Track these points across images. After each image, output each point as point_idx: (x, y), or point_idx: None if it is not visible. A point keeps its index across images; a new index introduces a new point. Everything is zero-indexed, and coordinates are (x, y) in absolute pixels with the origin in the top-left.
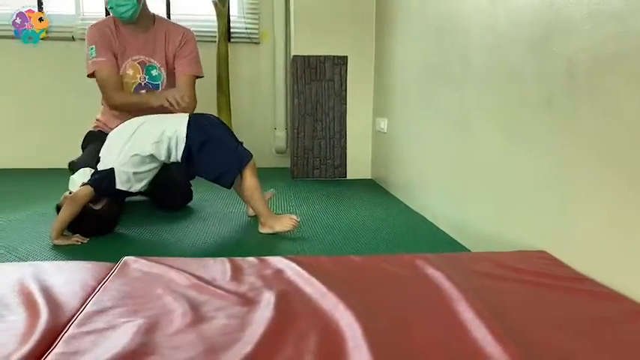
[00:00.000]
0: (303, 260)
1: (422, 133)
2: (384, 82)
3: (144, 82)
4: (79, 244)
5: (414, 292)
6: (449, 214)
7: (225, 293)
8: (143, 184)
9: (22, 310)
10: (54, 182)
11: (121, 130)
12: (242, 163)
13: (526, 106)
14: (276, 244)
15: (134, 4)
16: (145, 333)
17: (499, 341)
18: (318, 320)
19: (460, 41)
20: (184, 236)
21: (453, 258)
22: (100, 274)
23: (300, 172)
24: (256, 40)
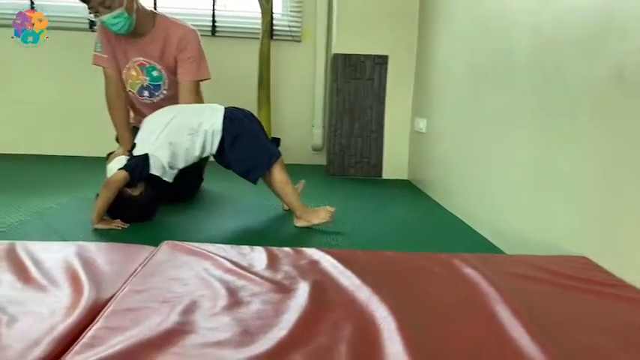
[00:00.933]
0: (338, 253)
1: (461, 133)
2: (425, 82)
3: (145, 83)
4: (119, 229)
5: (450, 289)
6: (486, 216)
7: (261, 280)
8: (175, 172)
9: (67, 285)
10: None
11: (157, 117)
12: (271, 160)
13: (571, 107)
14: (310, 237)
15: (126, 18)
16: (183, 313)
17: (536, 341)
18: (353, 311)
19: (505, 41)
20: (220, 226)
21: (490, 259)
22: (140, 256)
23: (336, 170)
24: (298, 38)
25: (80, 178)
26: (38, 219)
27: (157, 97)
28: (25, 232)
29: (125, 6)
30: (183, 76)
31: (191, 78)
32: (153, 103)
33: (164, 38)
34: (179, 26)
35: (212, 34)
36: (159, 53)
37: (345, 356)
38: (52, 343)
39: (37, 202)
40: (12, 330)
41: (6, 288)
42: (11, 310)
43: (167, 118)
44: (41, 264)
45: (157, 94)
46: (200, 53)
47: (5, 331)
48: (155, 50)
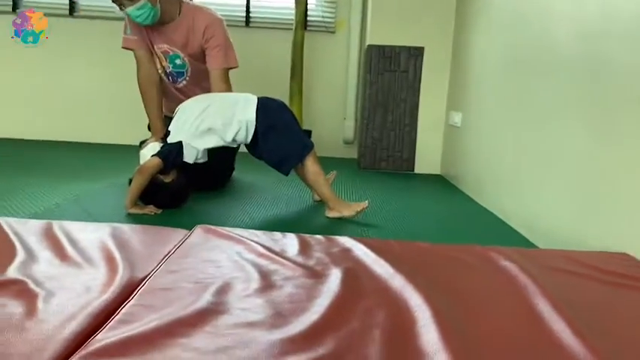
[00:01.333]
0: (370, 242)
1: (498, 128)
2: (461, 75)
3: (168, 70)
4: (152, 214)
5: (486, 281)
6: (521, 212)
7: (293, 265)
8: (206, 158)
9: (102, 264)
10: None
11: (192, 105)
12: (304, 152)
13: (618, 100)
14: (341, 228)
15: (149, 9)
16: (217, 294)
17: (578, 335)
18: (386, 298)
19: (547, 32)
20: (251, 214)
21: (527, 252)
22: (174, 238)
23: (367, 163)
24: (332, 29)
25: (115, 165)
26: (74, 203)
27: (179, 83)
28: (60, 214)
29: None
30: (212, 64)
31: (220, 66)
32: (176, 89)
33: (189, 26)
34: (205, 14)
35: (246, 24)
36: (183, 41)
37: (378, 342)
38: (88, 317)
39: (73, 186)
40: (49, 305)
41: (44, 264)
42: (48, 286)
43: (202, 106)
44: (77, 243)
45: (179, 81)
46: (227, 41)
47: (42, 306)
48: (179, 38)
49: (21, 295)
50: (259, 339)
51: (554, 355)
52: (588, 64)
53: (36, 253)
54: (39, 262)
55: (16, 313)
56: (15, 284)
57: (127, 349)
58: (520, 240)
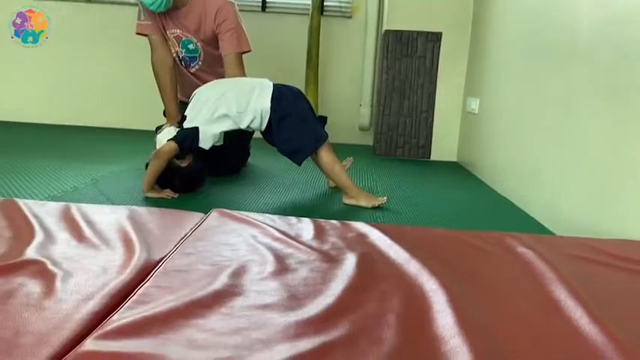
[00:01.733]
0: (386, 227)
1: (517, 114)
2: (479, 60)
3: (181, 55)
4: (169, 198)
5: (503, 267)
6: (540, 200)
7: (308, 249)
8: (221, 142)
9: (119, 245)
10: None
11: (208, 90)
12: (317, 143)
13: None
14: (357, 213)
15: None
16: (232, 276)
17: (597, 322)
18: (401, 283)
19: (568, 16)
20: (267, 199)
21: (545, 239)
22: (190, 221)
23: (383, 150)
24: (348, 14)
25: (132, 149)
26: (91, 186)
27: (192, 67)
28: (78, 197)
29: None
30: (225, 49)
31: (233, 50)
32: (190, 73)
33: (201, 11)
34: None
35: (262, 9)
36: (195, 26)
37: (393, 326)
38: (105, 298)
39: (90, 170)
40: (67, 284)
41: (62, 245)
42: (66, 266)
43: (218, 93)
44: (94, 225)
45: (192, 66)
46: (238, 25)
47: (60, 286)
48: (192, 23)
49: (39, 275)
50: (274, 321)
51: (572, 342)
52: (612, 49)
53: (54, 234)
54: (57, 243)
55: (34, 292)
56: (34, 264)
57: (143, 329)
58: (538, 227)
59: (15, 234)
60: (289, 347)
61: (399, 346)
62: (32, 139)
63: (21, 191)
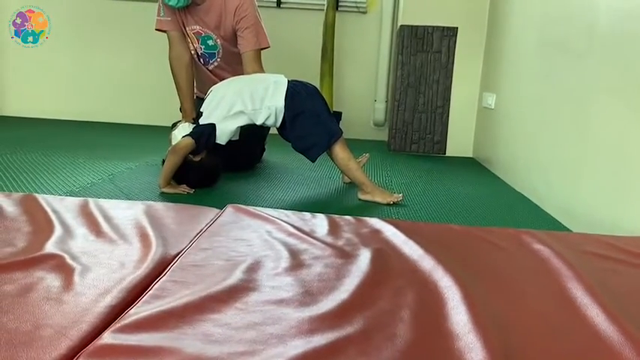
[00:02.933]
0: (400, 223)
1: (534, 109)
2: (496, 55)
3: (200, 51)
4: (185, 193)
5: (518, 264)
6: (557, 196)
7: (322, 245)
8: (237, 137)
9: (136, 240)
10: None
11: (224, 88)
12: (331, 140)
13: None
14: (371, 209)
15: None
16: (247, 271)
17: (613, 320)
18: (416, 279)
19: (585, 10)
20: (281, 195)
21: (561, 236)
22: (205, 217)
23: (398, 146)
24: (363, 10)
25: (148, 145)
26: (109, 182)
27: (211, 64)
28: (96, 192)
29: None
30: (244, 46)
31: (252, 47)
32: (208, 70)
33: (221, 7)
34: None
35: (277, 5)
36: (216, 22)
37: (407, 322)
38: (123, 292)
39: (108, 166)
40: (85, 279)
41: (80, 240)
42: (84, 261)
43: (233, 90)
44: (112, 220)
45: (210, 62)
46: (257, 22)
47: (79, 280)
48: (212, 19)
49: (58, 269)
50: (289, 316)
51: (588, 340)
52: (629, 44)
53: (72, 229)
54: (75, 237)
55: (53, 286)
56: (53, 259)
57: (159, 323)
58: (553, 223)
59: (35, 228)
60: (304, 342)
61: (413, 342)
62: (50, 134)
63: (40, 187)
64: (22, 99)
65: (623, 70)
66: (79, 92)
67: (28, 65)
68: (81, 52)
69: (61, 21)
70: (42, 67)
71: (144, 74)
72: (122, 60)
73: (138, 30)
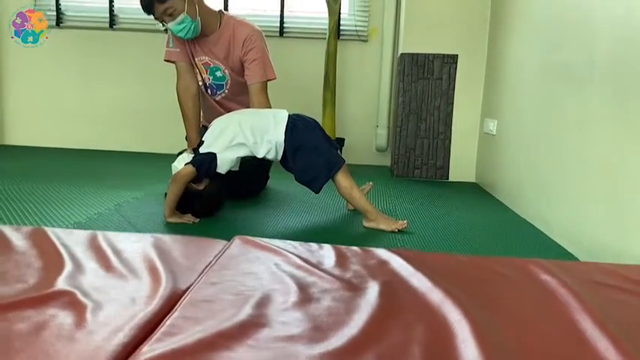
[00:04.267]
0: (407, 254)
1: (536, 136)
2: (496, 82)
3: (208, 82)
4: (190, 223)
5: (526, 296)
6: (562, 223)
7: (330, 277)
8: (237, 168)
9: (145, 274)
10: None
11: (226, 121)
12: (332, 172)
13: None
14: (376, 237)
15: (190, 22)
16: (257, 307)
17: (623, 354)
18: (425, 313)
19: (584, 37)
20: (286, 223)
21: (569, 266)
22: (213, 249)
23: (401, 171)
24: (364, 38)
25: (153, 173)
26: (115, 212)
27: (218, 95)
28: (103, 223)
29: (186, 10)
30: (251, 78)
31: (259, 80)
32: (214, 101)
33: (229, 38)
34: (244, 26)
35: (280, 34)
36: (224, 53)
37: (418, 357)
38: (134, 329)
39: (113, 195)
40: (97, 316)
41: (90, 275)
42: (95, 297)
43: (235, 123)
44: (121, 253)
45: (218, 93)
46: (265, 54)
47: (90, 317)
48: (221, 50)
49: (70, 307)
50: (299, 353)
51: None
52: (631, 71)
53: (83, 263)
54: (86, 273)
55: (65, 324)
56: (64, 295)
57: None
58: (560, 251)
59: (45, 263)
60: None
61: None
62: (55, 164)
63: (47, 218)
64: (26, 128)
65: (627, 98)
66: (83, 120)
67: (31, 94)
68: (86, 81)
69: (65, 49)
70: (46, 96)
71: (148, 102)
72: (127, 88)
73: (142, 58)
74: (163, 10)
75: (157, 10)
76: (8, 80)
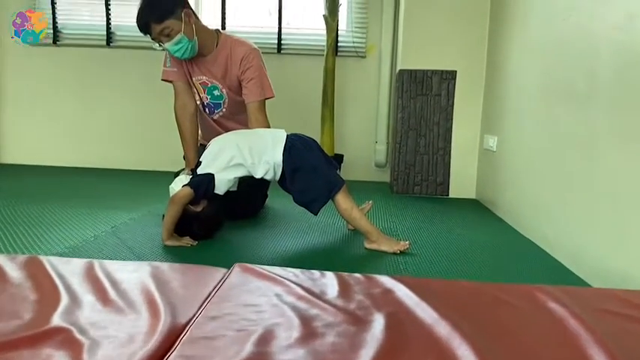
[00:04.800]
0: (411, 282)
1: (538, 153)
2: (496, 98)
3: (206, 101)
4: (189, 246)
5: (535, 326)
6: (565, 243)
7: (333, 309)
8: (235, 188)
9: (144, 308)
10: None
11: (223, 141)
12: (332, 193)
13: None
14: (377, 258)
15: (187, 42)
16: (259, 343)
17: None
18: (433, 347)
19: (587, 58)
20: (285, 245)
21: (575, 292)
22: (213, 278)
23: (401, 188)
24: (362, 54)
25: (151, 192)
26: (112, 234)
27: (216, 114)
28: (99, 247)
29: (183, 30)
30: (249, 97)
31: (256, 98)
32: (212, 120)
33: (227, 57)
34: (241, 45)
35: (278, 51)
36: (222, 72)
37: None
38: None
39: (109, 216)
40: (94, 356)
41: (87, 310)
42: (93, 334)
43: (232, 143)
44: (118, 284)
45: (216, 112)
46: (262, 72)
47: (87, 357)
48: (219, 69)
49: (67, 345)
50: None
51: None
52: (633, 91)
53: (79, 296)
54: (82, 307)
55: None
56: (61, 333)
57: None
58: (566, 274)
59: (41, 297)
60: None
61: None
62: (50, 184)
63: (42, 240)
64: (22, 147)
65: (629, 117)
66: (80, 138)
67: (28, 112)
68: (82, 98)
69: (62, 67)
70: (43, 113)
71: (145, 119)
72: (124, 105)
73: (139, 76)
74: (160, 31)
75: (154, 30)
76: (5, 98)
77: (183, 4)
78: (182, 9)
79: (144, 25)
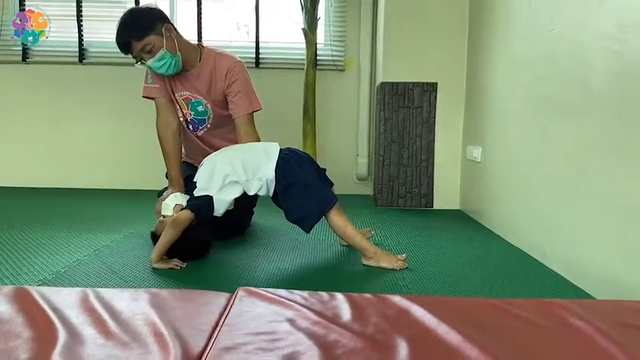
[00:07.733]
0: (424, 301)
1: (527, 163)
2: (478, 109)
3: (190, 117)
4: (178, 268)
5: (564, 346)
6: (562, 253)
7: (351, 334)
8: (232, 207)
9: (151, 341)
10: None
11: (217, 159)
12: (324, 210)
13: None
14: (375, 275)
15: (170, 58)
16: None
17: None
18: None
19: (579, 68)
20: (278, 264)
21: (591, 306)
22: (217, 304)
23: (385, 201)
24: (341, 68)
25: (131, 212)
26: (95, 258)
27: (200, 130)
28: (84, 272)
29: (165, 46)
30: (236, 112)
31: (245, 112)
32: (196, 136)
33: (211, 71)
34: (225, 58)
35: (256, 65)
36: (207, 87)
37: None
38: None
39: (92, 239)
40: None
41: (88, 345)
42: None
43: (225, 160)
44: (118, 315)
45: (200, 128)
46: (248, 85)
47: None
48: (203, 84)
49: None
50: None
51: None
52: (628, 101)
53: (78, 331)
54: (83, 343)
55: None
56: None
57: None
58: (565, 285)
59: (36, 333)
60: None
61: None
62: (26, 205)
63: (23, 268)
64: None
65: (623, 128)
66: (55, 158)
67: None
68: (56, 116)
69: (33, 85)
70: (15, 133)
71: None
72: (99, 122)
73: (115, 92)
74: (141, 48)
75: (135, 48)
76: None
77: (163, 20)
78: (162, 24)
79: (124, 43)
